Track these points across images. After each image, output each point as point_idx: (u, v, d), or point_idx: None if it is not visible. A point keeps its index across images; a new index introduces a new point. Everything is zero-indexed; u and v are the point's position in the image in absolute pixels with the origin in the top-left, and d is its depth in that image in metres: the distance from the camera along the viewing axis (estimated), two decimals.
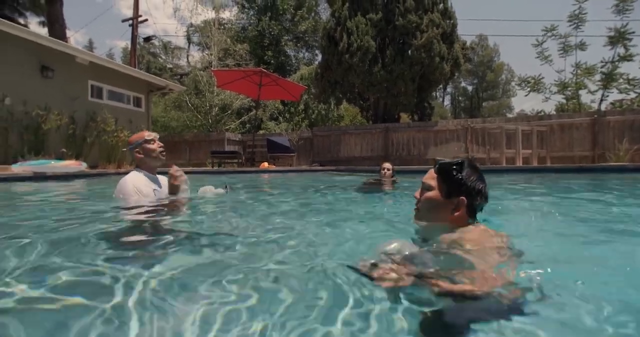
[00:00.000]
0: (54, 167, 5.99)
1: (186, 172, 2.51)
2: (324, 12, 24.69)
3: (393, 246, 0.97)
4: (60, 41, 8.76)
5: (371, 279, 0.84)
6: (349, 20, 11.71)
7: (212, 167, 10.59)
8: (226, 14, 23.99)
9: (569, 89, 12.09)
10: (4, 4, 15.60)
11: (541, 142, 8.92)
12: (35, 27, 16.72)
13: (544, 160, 8.74)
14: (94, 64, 8.90)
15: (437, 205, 1.23)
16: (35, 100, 7.50)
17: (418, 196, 1.31)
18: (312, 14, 25.17)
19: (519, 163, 8.02)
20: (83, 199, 3.54)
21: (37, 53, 7.70)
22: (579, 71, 11.65)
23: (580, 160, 9.43)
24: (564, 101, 12.96)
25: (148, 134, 2.43)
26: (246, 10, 24.59)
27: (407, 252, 0.95)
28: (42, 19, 16.86)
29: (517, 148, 8.05)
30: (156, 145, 2.42)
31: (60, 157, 7.15)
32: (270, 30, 22.82)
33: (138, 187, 2.33)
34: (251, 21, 24.07)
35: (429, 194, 1.25)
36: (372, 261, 0.89)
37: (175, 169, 2.41)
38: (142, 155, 2.41)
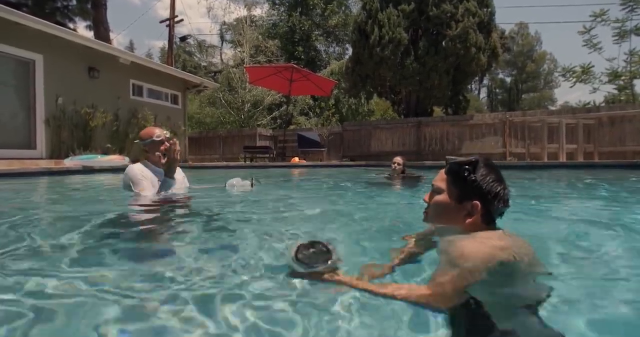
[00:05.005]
0: (100, 161, 6.42)
1: (220, 167, 2.62)
2: (355, 6, 24.33)
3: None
4: (105, 43, 9.31)
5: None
6: (380, 12, 11.47)
7: (245, 161, 10.86)
8: (257, 11, 24.33)
9: (622, 78, 11.15)
10: (56, 10, 16.79)
11: (588, 137, 8.32)
12: (82, 30, 17.87)
13: (591, 156, 8.16)
14: (135, 63, 9.36)
15: (447, 210, 1.08)
16: (84, 99, 8.03)
17: (427, 199, 1.16)
18: (343, 8, 24.89)
19: (563, 159, 7.54)
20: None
21: (85, 55, 8.22)
22: (633, 58, 10.70)
23: (634, 156, 8.69)
24: (616, 92, 11.97)
25: (157, 135, 2.44)
26: (277, 6, 24.78)
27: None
28: (89, 23, 17.96)
29: (560, 143, 7.57)
30: (162, 148, 2.44)
31: (106, 152, 7.64)
32: (301, 25, 22.87)
33: (144, 173, 2.41)
34: (282, 17, 24.23)
35: (439, 197, 1.11)
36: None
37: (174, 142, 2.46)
38: (147, 152, 2.48)
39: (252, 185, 2.98)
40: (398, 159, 4.46)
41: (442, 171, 1.13)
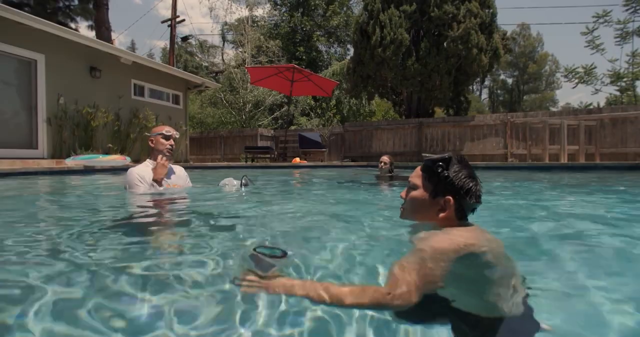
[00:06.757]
0: (101, 161, 6.43)
1: (221, 167, 2.64)
2: (356, 6, 24.36)
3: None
4: (107, 43, 9.32)
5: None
6: (381, 13, 11.47)
7: (246, 162, 10.87)
8: (259, 12, 24.39)
9: (624, 79, 11.13)
10: (58, 10, 16.81)
11: (589, 138, 8.29)
12: (84, 30, 17.88)
13: (593, 157, 8.14)
14: (137, 63, 9.38)
15: (422, 205, 1.13)
16: (85, 99, 8.05)
17: (404, 196, 1.20)
18: (344, 9, 24.91)
19: (564, 160, 7.52)
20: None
21: (87, 55, 8.23)
22: (635, 60, 10.68)
23: (635, 157, 8.67)
24: (618, 93, 11.95)
25: (167, 130, 2.54)
26: (278, 7, 24.82)
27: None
28: (91, 23, 17.97)
29: (562, 144, 7.55)
30: (167, 143, 2.52)
31: (107, 152, 7.66)
32: (302, 26, 22.89)
33: (142, 176, 2.44)
34: (283, 18, 24.26)
35: (414, 193, 1.16)
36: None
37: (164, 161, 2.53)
38: (153, 145, 2.54)
39: (242, 185, 2.98)
40: (385, 159, 4.39)
41: (419, 168, 1.18)
